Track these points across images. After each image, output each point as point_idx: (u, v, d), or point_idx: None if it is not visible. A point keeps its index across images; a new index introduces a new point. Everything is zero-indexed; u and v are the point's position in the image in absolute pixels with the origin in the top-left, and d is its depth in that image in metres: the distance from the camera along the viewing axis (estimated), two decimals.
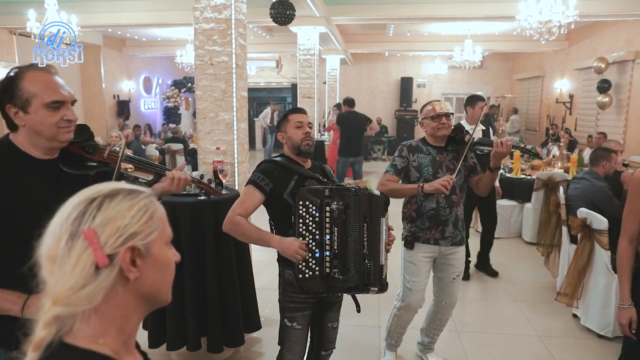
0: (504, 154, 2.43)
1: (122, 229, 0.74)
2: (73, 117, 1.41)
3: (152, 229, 0.78)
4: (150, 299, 0.82)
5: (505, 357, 3.08)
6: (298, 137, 2.05)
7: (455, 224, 2.60)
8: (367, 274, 1.89)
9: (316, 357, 2.31)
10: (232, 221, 1.96)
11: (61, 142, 1.42)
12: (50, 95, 1.35)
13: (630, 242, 1.87)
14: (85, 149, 1.51)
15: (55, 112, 1.37)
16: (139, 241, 0.76)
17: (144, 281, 0.78)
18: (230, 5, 3.06)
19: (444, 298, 2.73)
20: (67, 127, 1.40)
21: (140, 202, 0.79)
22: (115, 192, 0.78)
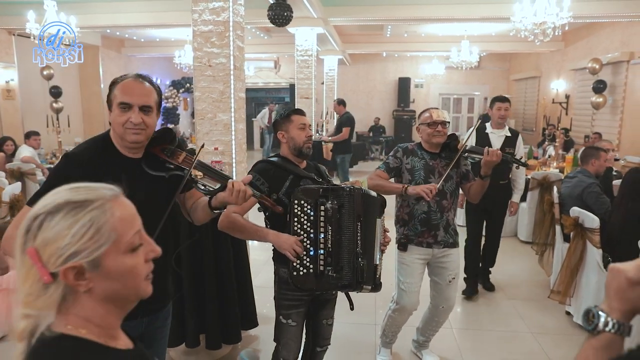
0: (493, 162, 2.49)
1: (62, 249, 0.74)
2: (136, 121, 1.49)
3: (99, 244, 0.76)
4: (117, 301, 0.82)
5: (499, 353, 3.14)
6: (301, 139, 2.09)
7: (447, 229, 2.65)
8: (360, 272, 1.93)
9: (312, 353, 2.36)
10: (227, 219, 2.00)
11: (129, 142, 1.53)
12: (122, 97, 1.50)
13: None
14: (164, 152, 1.60)
15: (124, 113, 1.49)
16: (82, 259, 0.74)
17: (99, 290, 0.78)
18: (228, 8, 3.11)
19: (441, 302, 2.76)
20: (132, 129, 1.50)
21: (85, 216, 0.76)
22: (58, 207, 0.76)
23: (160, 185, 1.58)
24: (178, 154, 1.60)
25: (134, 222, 0.82)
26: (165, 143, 1.61)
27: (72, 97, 10.52)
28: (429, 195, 2.41)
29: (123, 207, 0.81)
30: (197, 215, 1.73)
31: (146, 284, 0.85)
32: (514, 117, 13.58)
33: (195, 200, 1.75)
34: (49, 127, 7.39)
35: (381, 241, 2.13)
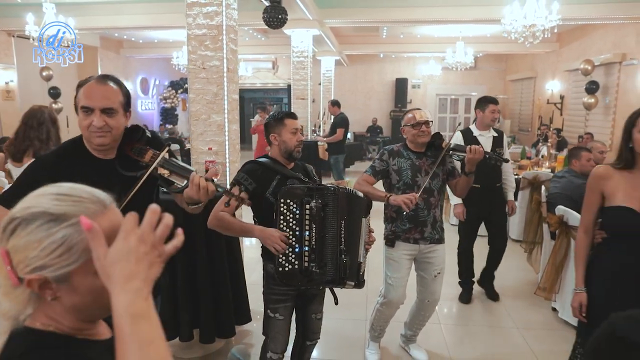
0: (476, 159, 2.58)
1: (29, 259, 0.72)
2: (98, 124, 1.49)
3: (67, 262, 0.73)
4: (87, 312, 0.79)
5: (485, 348, 3.23)
6: (292, 143, 2.17)
7: (434, 225, 2.75)
8: (343, 268, 2.01)
9: (301, 346, 2.45)
10: (216, 217, 2.09)
11: (95, 145, 1.54)
12: (83, 100, 1.51)
13: (586, 233, 2.03)
14: (133, 151, 1.59)
15: (87, 117, 1.51)
16: (48, 273, 0.73)
17: (67, 301, 0.76)
18: (221, 12, 3.21)
19: (427, 296, 2.86)
20: (96, 132, 1.51)
21: (58, 233, 0.73)
22: (34, 216, 0.74)
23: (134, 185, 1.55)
24: (145, 153, 1.58)
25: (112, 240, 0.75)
26: (134, 141, 1.59)
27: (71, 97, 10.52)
28: (409, 206, 2.48)
29: (103, 223, 0.76)
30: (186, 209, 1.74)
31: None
32: (510, 118, 13.69)
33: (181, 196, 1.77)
34: None
35: (366, 240, 2.21)
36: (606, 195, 1.93)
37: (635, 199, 1.85)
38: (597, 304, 1.95)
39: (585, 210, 2.03)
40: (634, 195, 1.85)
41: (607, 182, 1.93)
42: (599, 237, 2.00)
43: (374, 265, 3.62)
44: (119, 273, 0.69)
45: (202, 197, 1.55)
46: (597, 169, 2.01)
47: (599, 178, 1.96)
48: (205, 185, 1.53)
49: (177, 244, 0.76)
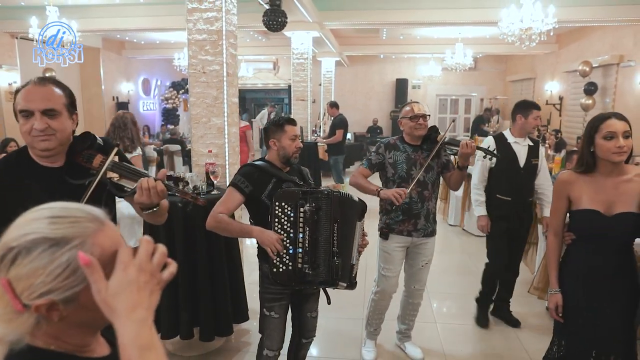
0: (468, 154, 2.64)
1: (35, 286, 0.71)
2: (38, 127, 1.39)
3: (75, 283, 0.73)
4: (93, 325, 0.80)
5: (479, 345, 3.30)
6: (291, 150, 2.23)
7: (427, 217, 2.81)
8: (335, 270, 2.08)
9: (298, 344, 2.51)
10: (214, 219, 2.16)
11: (40, 150, 1.44)
12: (22, 104, 1.41)
13: (556, 236, 2.10)
14: (82, 157, 1.50)
15: (27, 121, 1.41)
16: (56, 296, 0.72)
17: (74, 318, 0.76)
18: (221, 17, 3.28)
19: (413, 283, 2.96)
20: (39, 136, 1.41)
21: (62, 257, 0.72)
22: (34, 244, 0.72)
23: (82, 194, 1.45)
24: (95, 158, 1.50)
25: (115, 256, 0.76)
26: (84, 149, 1.51)
27: None
28: (399, 200, 2.55)
29: (104, 241, 0.76)
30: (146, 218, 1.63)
31: None
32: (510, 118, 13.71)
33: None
34: None
35: (359, 243, 2.27)
36: (572, 199, 2.01)
37: (600, 201, 1.92)
38: (570, 304, 2.02)
39: (553, 214, 2.11)
40: (598, 198, 1.93)
41: (572, 187, 2.00)
42: (568, 239, 2.08)
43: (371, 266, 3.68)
44: (123, 304, 0.71)
45: (153, 198, 1.46)
46: (562, 174, 2.09)
47: (564, 183, 2.03)
48: (154, 184, 1.45)
49: (172, 270, 0.78)
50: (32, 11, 6.65)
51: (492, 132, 11.01)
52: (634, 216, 1.88)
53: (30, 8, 7.13)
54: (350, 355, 3.16)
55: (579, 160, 2.01)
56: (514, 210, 3.31)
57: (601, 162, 1.92)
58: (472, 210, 6.03)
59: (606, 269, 1.95)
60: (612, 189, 1.92)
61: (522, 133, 3.32)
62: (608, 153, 1.87)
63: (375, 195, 2.70)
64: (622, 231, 1.91)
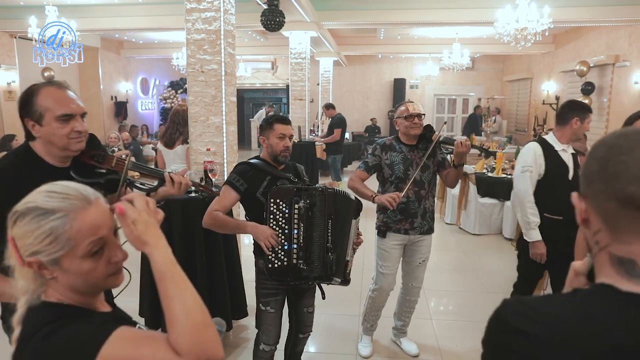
0: (463, 153, 2.67)
1: (27, 246, 0.88)
2: (82, 129, 1.52)
3: (56, 249, 0.88)
4: (82, 291, 0.94)
5: (473, 341, 3.34)
6: (278, 148, 2.25)
7: (424, 216, 2.85)
8: (329, 265, 2.12)
9: (295, 339, 2.55)
10: (210, 216, 2.20)
11: (73, 152, 1.55)
12: (61, 108, 1.49)
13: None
14: (94, 158, 1.62)
15: (66, 124, 1.50)
16: (43, 257, 0.88)
17: (63, 281, 0.92)
18: (219, 17, 3.32)
19: (411, 280, 3.00)
20: (77, 138, 1.52)
21: (46, 225, 0.88)
22: (28, 210, 0.89)
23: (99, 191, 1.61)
24: (110, 159, 1.64)
25: (95, 230, 0.91)
26: (93, 149, 1.63)
27: None
28: (393, 205, 2.57)
29: (86, 218, 0.91)
30: None
31: (112, 279, 0.97)
32: (507, 118, 13.80)
33: None
34: None
35: (354, 241, 2.30)
36: None
37: None
38: None
39: None
40: None
41: None
42: None
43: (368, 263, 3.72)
44: (150, 237, 0.92)
45: (181, 192, 1.71)
46: None
47: None
48: (185, 180, 1.70)
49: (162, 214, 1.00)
50: (31, 10, 6.68)
51: (489, 132, 11.06)
52: None
53: (29, 7, 7.16)
54: (346, 350, 3.20)
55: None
56: (565, 232, 2.65)
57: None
58: (468, 209, 6.10)
59: None
60: None
61: (571, 139, 2.78)
62: None
63: (370, 201, 2.72)
64: None
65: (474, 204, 5.99)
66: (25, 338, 0.87)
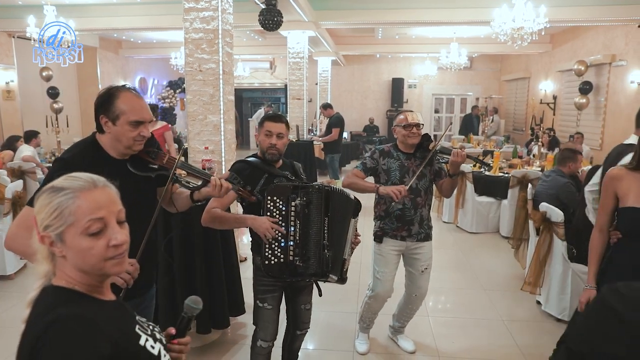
0: (459, 163, 2.69)
1: (41, 220, 0.98)
2: (147, 135, 1.73)
3: (60, 222, 0.97)
4: (86, 272, 1.01)
5: (470, 338, 3.37)
6: (265, 145, 2.28)
7: (421, 223, 2.86)
8: (325, 262, 2.13)
9: (292, 336, 2.57)
10: (209, 214, 2.22)
11: (134, 151, 1.75)
12: (135, 115, 1.69)
13: (601, 232, 2.07)
14: (149, 155, 1.80)
15: (135, 129, 1.70)
16: (51, 231, 0.97)
17: (70, 259, 1.00)
18: (217, 17, 3.34)
19: (414, 290, 2.98)
20: (140, 141, 1.73)
21: (55, 200, 0.98)
22: (45, 189, 1.00)
23: (148, 184, 1.81)
24: (162, 156, 1.81)
25: (95, 211, 0.99)
26: (149, 147, 1.81)
27: (71, 97, 10.71)
28: (398, 197, 2.58)
29: (89, 197, 0.99)
30: (178, 203, 1.98)
31: (111, 264, 1.02)
32: (505, 117, 13.84)
33: (171, 192, 2.01)
34: (48, 127, 7.61)
35: (352, 240, 2.31)
36: (620, 196, 1.96)
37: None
38: None
39: (600, 210, 2.07)
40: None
41: (620, 183, 1.96)
42: (614, 238, 2.03)
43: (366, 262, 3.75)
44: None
45: (222, 195, 1.87)
46: (612, 170, 2.03)
47: (612, 179, 1.99)
48: (226, 185, 1.86)
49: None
50: (29, 10, 6.68)
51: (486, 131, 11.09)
52: None
53: (28, 7, 7.17)
54: (344, 347, 3.22)
55: (633, 157, 1.96)
56: None
57: None
58: (465, 208, 6.13)
59: None
60: None
61: None
62: None
63: (373, 192, 2.72)
64: None
65: (471, 203, 6.02)
66: (33, 320, 0.94)
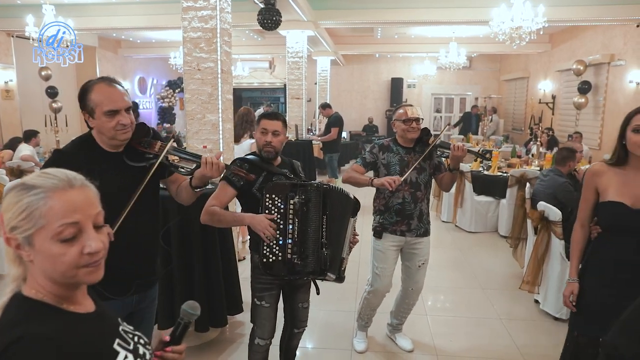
0: (460, 157, 2.70)
1: (8, 220, 0.88)
2: (126, 122, 1.69)
3: (29, 225, 0.86)
4: (56, 279, 0.89)
5: (468, 337, 3.38)
6: (260, 143, 2.29)
7: (420, 218, 2.87)
8: (324, 261, 2.13)
9: (289, 334, 2.57)
10: (207, 212, 2.22)
11: (121, 141, 1.73)
12: (109, 105, 1.67)
13: (582, 226, 2.11)
14: (141, 144, 1.78)
15: (112, 118, 1.67)
16: (18, 233, 0.87)
17: (38, 264, 0.88)
18: (215, 16, 3.34)
19: (411, 284, 3.00)
20: (122, 130, 1.70)
21: (24, 199, 0.87)
22: (14, 186, 0.89)
23: (144, 174, 1.77)
24: (154, 144, 1.79)
25: (69, 214, 0.87)
26: (142, 136, 1.79)
27: (70, 97, 10.69)
28: (392, 186, 2.60)
29: (62, 199, 0.88)
30: (182, 196, 1.96)
31: (85, 272, 0.90)
32: (504, 117, 13.84)
33: (178, 184, 1.97)
34: (47, 127, 7.61)
35: (350, 239, 2.31)
36: (600, 191, 2.00)
37: (626, 194, 1.91)
38: (590, 295, 2.02)
39: (581, 205, 2.10)
40: (625, 191, 1.91)
41: (600, 178, 1.99)
42: (594, 232, 2.07)
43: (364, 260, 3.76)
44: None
45: (215, 173, 1.79)
46: (593, 166, 2.07)
47: (593, 174, 2.02)
48: (217, 161, 1.79)
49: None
50: (28, 9, 6.68)
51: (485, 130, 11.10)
52: None
53: (27, 6, 7.16)
54: (342, 345, 3.23)
55: (613, 153, 1.99)
56: None
57: (632, 156, 1.92)
58: (464, 207, 6.14)
59: (629, 262, 1.92)
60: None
61: None
62: (635, 146, 1.87)
63: (368, 185, 2.74)
64: None
65: (470, 202, 6.03)
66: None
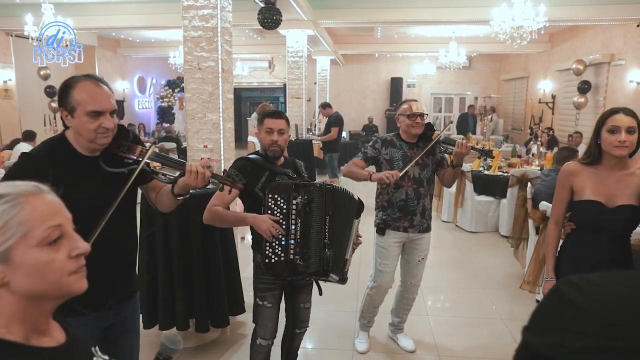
0: (463, 154, 2.69)
1: None
2: (109, 126, 1.54)
3: (6, 237, 0.75)
4: (38, 298, 0.80)
5: (468, 336, 3.37)
6: (266, 142, 2.27)
7: (423, 214, 2.86)
8: (326, 261, 2.12)
9: (291, 335, 2.56)
10: (210, 212, 2.21)
11: (99, 145, 1.58)
12: (93, 105, 1.52)
13: (557, 224, 2.16)
14: (120, 148, 1.64)
15: (95, 120, 1.52)
16: None
17: (16, 286, 0.76)
18: (216, 15, 3.33)
19: (409, 278, 3.01)
20: (104, 134, 1.55)
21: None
22: None
23: (122, 181, 1.61)
24: (134, 149, 1.64)
25: (51, 217, 0.80)
26: (120, 140, 1.65)
27: None
28: (391, 180, 2.59)
29: (39, 202, 0.80)
30: (162, 203, 1.81)
31: (75, 279, 0.82)
32: (503, 117, 13.84)
33: (158, 190, 1.82)
34: (46, 126, 7.59)
35: (354, 240, 2.30)
36: (575, 190, 2.05)
37: (602, 193, 1.97)
38: None
39: (555, 203, 2.16)
40: (600, 190, 1.98)
41: (575, 178, 2.04)
42: (568, 228, 2.12)
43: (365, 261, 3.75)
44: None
45: (199, 182, 1.65)
46: (567, 165, 2.12)
47: (568, 174, 2.07)
48: (203, 171, 1.66)
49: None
50: (27, 9, 6.67)
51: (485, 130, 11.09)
52: (633, 208, 1.93)
53: (26, 6, 7.14)
54: (343, 346, 3.22)
55: (586, 151, 2.05)
56: None
57: (606, 155, 1.97)
58: (464, 207, 6.13)
59: (603, 259, 1.98)
60: (615, 182, 1.96)
61: None
62: (610, 146, 1.92)
63: (367, 179, 2.72)
64: (622, 223, 1.96)
65: (471, 202, 6.02)
66: None
